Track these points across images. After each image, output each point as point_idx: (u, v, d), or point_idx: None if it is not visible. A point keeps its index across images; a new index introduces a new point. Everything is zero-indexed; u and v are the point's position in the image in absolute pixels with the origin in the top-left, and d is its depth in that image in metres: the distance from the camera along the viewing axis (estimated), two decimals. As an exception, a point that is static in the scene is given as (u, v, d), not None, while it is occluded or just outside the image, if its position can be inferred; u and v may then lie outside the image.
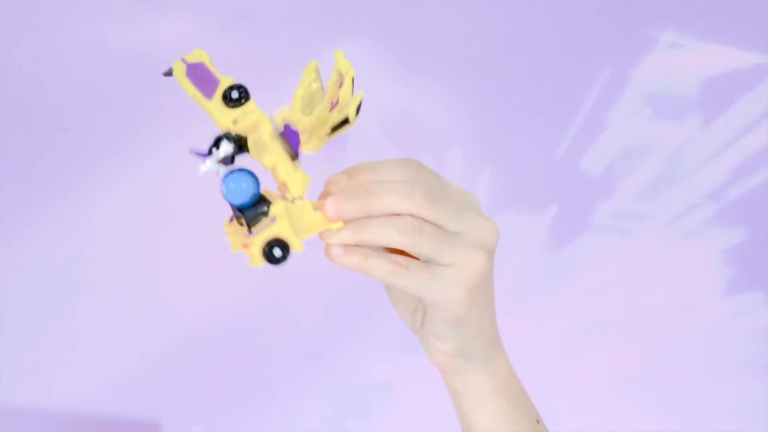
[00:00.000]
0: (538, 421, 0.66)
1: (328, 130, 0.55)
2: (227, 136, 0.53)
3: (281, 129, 0.54)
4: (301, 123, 0.55)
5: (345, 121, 0.55)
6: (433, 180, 0.57)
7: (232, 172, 0.54)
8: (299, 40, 1.56)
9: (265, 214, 0.55)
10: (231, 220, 0.57)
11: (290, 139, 0.54)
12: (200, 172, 0.53)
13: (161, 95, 1.48)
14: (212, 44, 1.60)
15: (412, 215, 0.55)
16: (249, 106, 0.55)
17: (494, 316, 0.63)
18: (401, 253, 0.57)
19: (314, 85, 0.57)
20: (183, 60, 0.56)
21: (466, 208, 0.58)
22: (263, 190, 0.56)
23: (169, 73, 0.56)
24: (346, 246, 0.56)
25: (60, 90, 1.60)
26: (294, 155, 0.55)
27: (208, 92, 0.55)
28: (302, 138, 0.55)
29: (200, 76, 0.55)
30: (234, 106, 0.55)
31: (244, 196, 0.54)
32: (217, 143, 0.53)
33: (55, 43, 1.60)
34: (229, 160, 0.53)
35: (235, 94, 0.55)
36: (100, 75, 1.60)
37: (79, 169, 1.60)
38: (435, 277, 0.56)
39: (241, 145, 0.54)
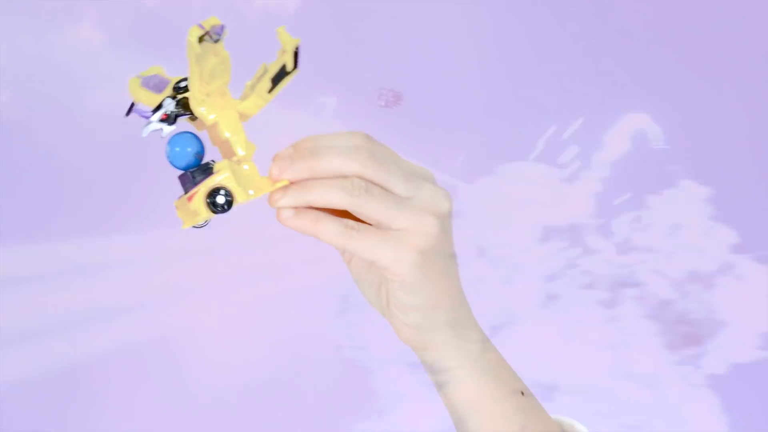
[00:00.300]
0: (523, 393, 0.63)
1: (268, 84, 0.55)
2: (170, 97, 0.55)
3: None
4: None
5: (284, 73, 0.55)
6: (380, 148, 0.57)
7: (175, 135, 0.55)
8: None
9: (210, 171, 0.55)
10: (168, 157, 0.57)
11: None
12: (144, 133, 0.54)
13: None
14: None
15: (359, 176, 0.55)
16: None
17: (459, 288, 0.61)
18: (354, 219, 0.57)
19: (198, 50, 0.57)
20: (138, 75, 0.57)
21: (417, 176, 0.57)
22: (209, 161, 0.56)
23: (129, 111, 0.57)
24: (297, 209, 0.56)
25: (75, 151, 1.63)
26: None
27: (160, 90, 0.56)
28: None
29: (154, 82, 0.56)
30: (182, 93, 0.55)
31: (189, 157, 0.55)
32: (159, 105, 0.54)
33: (69, 109, 1.64)
34: (172, 118, 0.54)
35: (183, 84, 0.56)
36: (111, 138, 1.63)
37: (93, 230, 1.62)
38: (385, 239, 0.56)
39: (183, 107, 0.55)
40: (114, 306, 1.64)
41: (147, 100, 0.56)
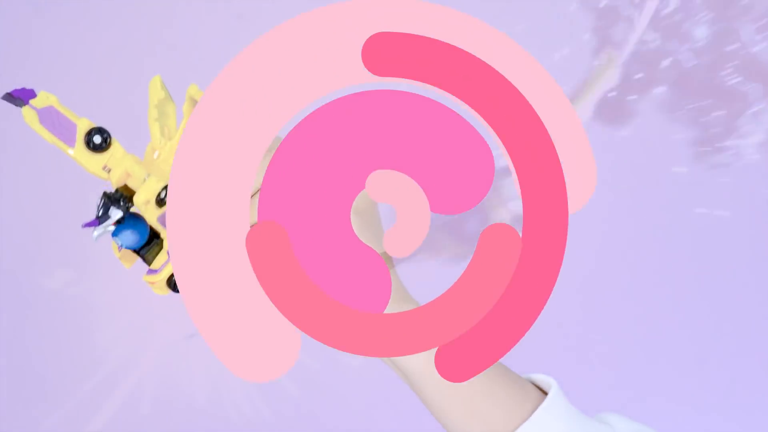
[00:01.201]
0: None
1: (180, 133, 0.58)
2: (111, 200, 0.57)
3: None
4: (165, 148, 0.58)
5: None
6: None
7: (120, 225, 0.58)
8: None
9: (160, 245, 0.59)
10: (120, 248, 0.60)
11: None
12: (95, 240, 0.56)
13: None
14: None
15: None
16: (116, 151, 0.55)
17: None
18: None
19: (162, 94, 0.58)
20: (32, 106, 0.53)
21: None
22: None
23: (7, 98, 0.53)
24: None
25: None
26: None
27: (68, 139, 0.54)
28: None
29: (54, 121, 0.54)
30: (100, 152, 0.55)
31: (141, 240, 0.58)
32: (105, 208, 0.56)
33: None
34: (123, 219, 0.57)
35: (97, 140, 0.54)
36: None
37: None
38: None
39: (125, 199, 0.57)
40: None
41: (51, 140, 0.54)
